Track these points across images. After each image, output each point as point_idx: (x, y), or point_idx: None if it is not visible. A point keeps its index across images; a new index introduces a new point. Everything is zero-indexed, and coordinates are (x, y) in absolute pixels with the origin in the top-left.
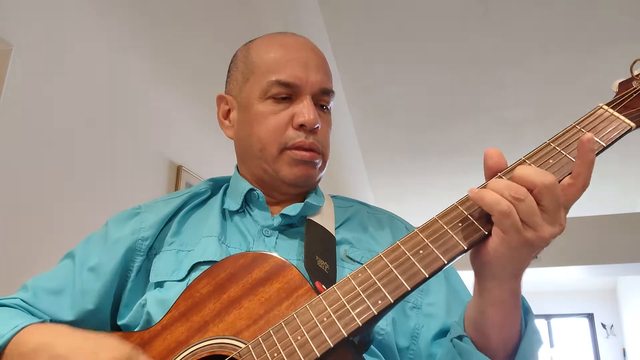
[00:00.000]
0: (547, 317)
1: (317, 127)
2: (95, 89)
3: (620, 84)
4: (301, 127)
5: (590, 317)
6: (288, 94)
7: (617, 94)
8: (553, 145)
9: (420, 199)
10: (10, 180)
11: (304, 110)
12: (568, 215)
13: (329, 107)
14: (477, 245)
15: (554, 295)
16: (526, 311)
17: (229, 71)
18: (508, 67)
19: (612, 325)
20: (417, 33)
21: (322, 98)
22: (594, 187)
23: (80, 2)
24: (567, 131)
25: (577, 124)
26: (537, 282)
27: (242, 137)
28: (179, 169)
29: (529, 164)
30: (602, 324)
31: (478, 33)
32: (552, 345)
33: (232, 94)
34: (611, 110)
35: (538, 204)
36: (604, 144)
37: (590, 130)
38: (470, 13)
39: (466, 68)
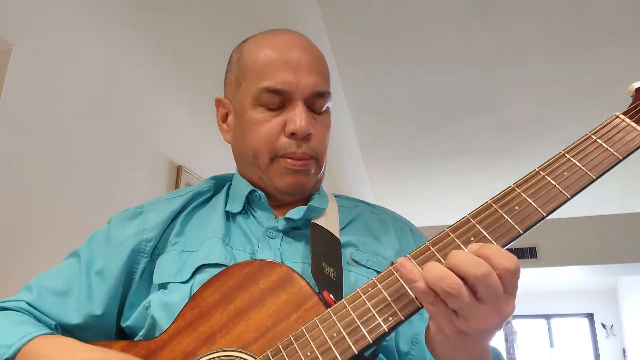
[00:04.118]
0: (547, 317)
1: (310, 133)
2: (95, 88)
3: (637, 89)
4: (293, 135)
5: (590, 317)
6: (279, 101)
7: (633, 102)
8: (568, 157)
9: (421, 199)
10: (10, 180)
11: (296, 117)
12: (569, 215)
13: (324, 109)
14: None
15: (554, 295)
16: None
17: (226, 73)
18: (508, 67)
19: (612, 325)
20: (417, 33)
21: (315, 101)
22: (594, 187)
23: (81, 2)
24: (582, 141)
25: (593, 134)
26: (537, 282)
27: (237, 142)
28: (179, 169)
29: (485, 235)
30: (602, 324)
31: (478, 33)
32: (552, 345)
33: (228, 97)
34: (628, 120)
35: (474, 294)
36: (620, 157)
37: (605, 141)
38: (470, 13)
39: (466, 68)
